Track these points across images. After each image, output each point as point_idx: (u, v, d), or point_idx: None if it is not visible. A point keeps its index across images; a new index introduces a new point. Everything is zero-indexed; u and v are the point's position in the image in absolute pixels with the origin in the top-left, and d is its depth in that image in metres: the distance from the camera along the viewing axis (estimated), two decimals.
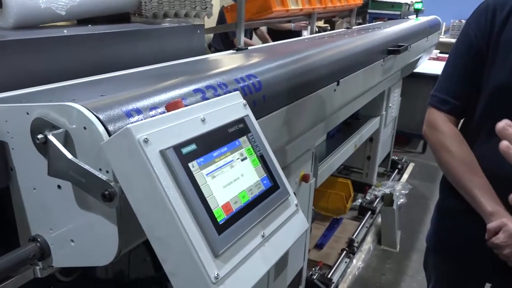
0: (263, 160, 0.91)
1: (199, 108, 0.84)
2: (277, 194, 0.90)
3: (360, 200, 3.56)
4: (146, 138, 0.70)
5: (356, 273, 2.91)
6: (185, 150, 0.75)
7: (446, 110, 1.36)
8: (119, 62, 1.47)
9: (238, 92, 0.97)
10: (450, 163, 1.33)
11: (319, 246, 3.03)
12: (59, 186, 0.91)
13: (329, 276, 2.72)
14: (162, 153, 0.71)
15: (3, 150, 0.98)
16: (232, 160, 0.84)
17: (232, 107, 0.91)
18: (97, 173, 0.77)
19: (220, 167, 0.81)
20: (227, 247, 0.74)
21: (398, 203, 3.35)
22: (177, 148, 0.74)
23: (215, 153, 0.81)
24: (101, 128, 0.80)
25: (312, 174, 2.19)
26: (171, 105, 0.83)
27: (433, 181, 4.10)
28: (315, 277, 2.65)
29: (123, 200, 0.76)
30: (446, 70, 1.41)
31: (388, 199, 3.29)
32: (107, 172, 0.80)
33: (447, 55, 1.44)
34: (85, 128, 0.82)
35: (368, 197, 3.58)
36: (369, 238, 3.22)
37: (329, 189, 3.26)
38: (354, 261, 2.98)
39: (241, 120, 0.90)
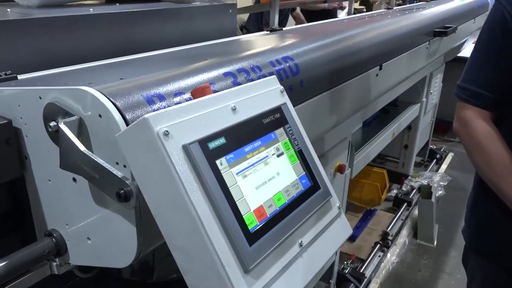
0: (301, 156, 0.79)
1: (230, 95, 0.72)
2: (317, 196, 0.78)
3: (395, 191, 3.40)
4: (167, 131, 0.59)
5: (390, 268, 2.78)
6: (212, 145, 0.63)
7: (479, 104, 1.18)
8: (146, 42, 1.38)
9: (274, 76, 0.84)
10: (487, 165, 1.17)
11: (351, 238, 2.90)
12: (74, 179, 0.82)
13: (361, 271, 2.59)
14: (185, 148, 0.60)
15: (17, 137, 0.90)
16: (267, 156, 0.72)
17: (267, 94, 0.79)
18: (111, 168, 0.67)
19: (253, 164, 0.69)
20: (260, 261, 0.62)
21: (436, 195, 3.17)
22: (203, 142, 0.63)
23: (247, 148, 0.69)
24: (117, 116, 0.70)
25: (347, 165, 2.06)
26: (197, 91, 0.72)
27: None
28: (347, 271, 2.54)
29: (142, 199, 0.66)
30: (476, 58, 1.21)
31: (426, 191, 3.11)
32: (125, 167, 0.70)
33: None
34: (100, 116, 0.72)
35: (404, 188, 3.41)
36: (404, 232, 3.07)
37: (363, 179, 3.11)
38: (388, 255, 2.84)
39: (278, 109, 0.78)
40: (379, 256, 2.78)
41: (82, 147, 0.70)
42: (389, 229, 2.96)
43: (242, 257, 0.60)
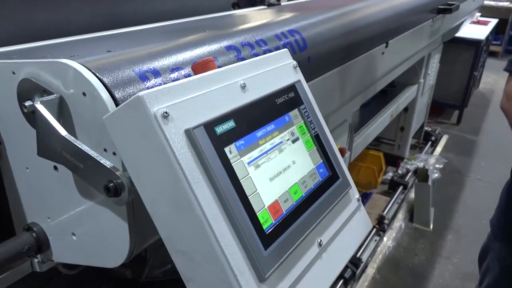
0: (318, 142, 0.68)
1: (238, 70, 0.61)
2: (336, 187, 0.68)
3: (391, 174, 3.33)
4: (166, 112, 0.48)
5: (387, 252, 2.72)
6: (220, 129, 0.53)
7: None
8: (136, 15, 1.25)
9: (286, 50, 0.73)
10: None
11: None
12: (55, 168, 0.71)
13: (358, 255, 2.53)
14: (189, 133, 0.50)
15: None
16: (281, 142, 0.62)
17: (279, 70, 0.68)
18: (98, 157, 0.56)
19: (266, 152, 0.59)
20: (277, 267, 0.53)
21: (433, 178, 3.11)
22: (210, 126, 0.52)
23: (259, 133, 0.59)
24: (105, 94, 0.58)
25: (347, 147, 1.97)
26: (199, 66, 0.61)
27: (469, 155, 3.84)
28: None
29: (136, 192, 0.56)
30: None
31: (422, 174, 3.05)
32: (114, 155, 0.59)
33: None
34: (84, 94, 0.60)
35: (400, 171, 3.34)
36: (400, 215, 3.01)
37: (360, 161, 3.03)
38: (385, 239, 2.78)
39: (292, 88, 0.68)
40: (375, 240, 2.73)
41: (62, 131, 0.59)
42: (385, 212, 2.90)
43: (257, 264, 0.50)
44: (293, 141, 0.64)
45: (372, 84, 1.70)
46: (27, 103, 0.65)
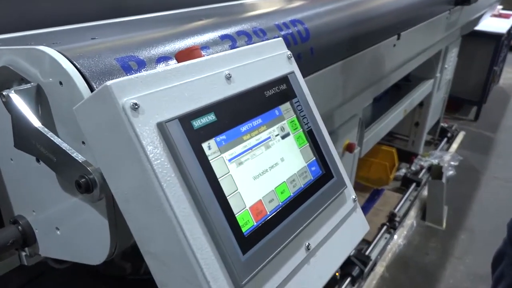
0: (312, 138, 0.64)
1: (223, 60, 0.57)
2: (330, 187, 0.63)
3: (404, 170, 3.25)
4: (136, 103, 0.44)
5: (397, 250, 2.66)
6: (198, 123, 0.49)
7: None
8: (140, 4, 1.21)
9: (280, 39, 0.69)
10: None
11: None
12: (37, 160, 0.68)
13: (366, 253, 2.48)
14: (161, 127, 0.46)
15: None
16: (269, 138, 0.58)
17: (271, 60, 0.64)
18: (71, 150, 0.52)
19: (251, 148, 0.54)
20: (255, 273, 0.49)
21: (447, 175, 3.03)
22: (186, 119, 0.48)
23: (243, 127, 0.54)
24: (81, 84, 0.55)
25: (357, 143, 1.92)
26: (182, 54, 0.57)
27: (486, 153, 3.73)
28: (351, 253, 2.42)
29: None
30: None
31: (436, 171, 2.97)
32: None
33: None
34: (61, 83, 0.57)
35: (413, 168, 3.27)
36: (412, 213, 2.94)
37: (372, 157, 2.96)
38: (395, 237, 2.72)
39: (284, 79, 0.63)
40: (386, 238, 2.67)
41: (36, 123, 0.56)
42: (396, 210, 2.84)
43: (232, 270, 0.46)
44: (283, 137, 0.60)
45: (383, 77, 1.63)
46: (5, 92, 0.62)
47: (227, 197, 0.49)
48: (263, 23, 0.90)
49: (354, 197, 0.68)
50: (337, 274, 2.30)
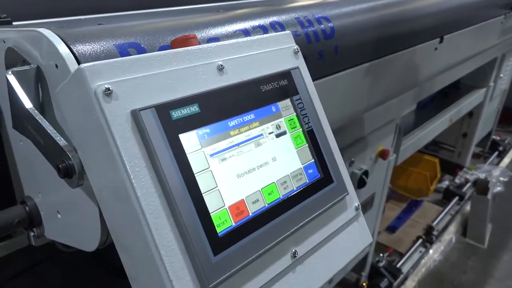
0: (312, 138, 0.60)
1: (219, 50, 0.54)
2: (327, 192, 0.59)
3: (447, 182, 3.10)
4: (109, 88, 0.43)
5: (432, 266, 2.53)
6: (177, 114, 0.46)
7: None
8: None
9: (288, 32, 0.65)
10: None
11: (391, 229, 2.67)
12: None
13: (398, 266, 2.38)
14: (135, 115, 0.44)
15: None
16: (261, 135, 0.54)
17: (274, 54, 0.60)
18: (55, 134, 0.52)
19: (238, 144, 0.51)
20: (227, 276, 0.46)
21: (494, 191, 2.84)
22: (164, 108, 0.46)
23: (232, 122, 0.52)
24: (74, 67, 0.54)
25: (392, 150, 1.83)
26: (177, 42, 0.55)
27: None
28: (381, 264, 2.33)
29: None
30: None
31: (482, 186, 2.81)
32: None
33: None
34: (56, 66, 0.57)
35: (457, 180, 3.10)
36: (452, 228, 2.79)
37: (412, 166, 2.83)
38: (431, 251, 2.59)
39: (286, 75, 0.60)
40: (420, 251, 2.55)
41: (28, 104, 0.56)
42: (435, 223, 2.70)
43: (200, 270, 0.44)
44: (278, 135, 0.56)
45: (422, 82, 1.55)
46: (5, 73, 0.62)
47: (203, 194, 0.46)
48: (283, 18, 0.86)
49: (357, 205, 0.64)
50: (364, 284, 2.22)
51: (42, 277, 1.08)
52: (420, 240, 2.58)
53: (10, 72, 0.58)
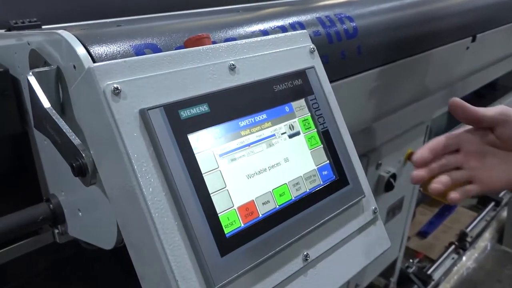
0: (327, 139, 0.59)
1: (231, 49, 0.54)
2: (342, 194, 0.58)
3: None
4: (117, 88, 0.43)
5: (465, 273, 2.45)
6: (186, 113, 0.46)
7: None
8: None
9: (305, 31, 0.64)
10: None
11: (422, 234, 2.60)
12: None
13: (428, 272, 2.32)
14: (143, 114, 0.44)
15: (18, 89, 0.80)
16: (273, 135, 0.54)
17: (289, 53, 0.60)
18: (70, 133, 0.53)
19: (248, 144, 0.51)
20: (234, 277, 0.45)
21: None
22: (172, 108, 0.46)
23: (243, 122, 0.51)
24: None
25: None
26: (190, 41, 0.55)
27: None
28: (411, 270, 2.27)
29: None
30: None
31: None
32: None
33: None
34: (74, 67, 0.58)
35: None
36: (487, 235, 2.69)
37: None
38: (464, 258, 2.51)
39: (300, 74, 0.59)
40: (453, 258, 2.47)
41: (46, 104, 0.57)
42: (468, 229, 2.61)
43: (206, 271, 0.43)
44: (291, 136, 0.55)
45: (454, 83, 1.50)
46: (27, 74, 0.64)
47: (211, 194, 0.46)
48: (304, 18, 0.85)
49: (374, 208, 0.62)
50: None
51: (66, 274, 1.11)
52: (453, 247, 2.50)
53: (30, 73, 0.59)
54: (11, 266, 0.94)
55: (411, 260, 2.32)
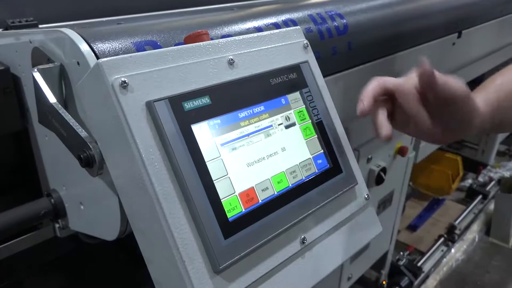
0: (321, 129, 0.62)
1: (229, 45, 0.57)
2: (336, 181, 0.61)
3: (470, 181, 3.05)
4: (125, 81, 0.46)
5: (454, 265, 2.50)
6: (189, 105, 0.49)
7: None
8: None
9: (298, 27, 0.67)
10: None
11: (412, 227, 2.65)
12: None
13: (419, 264, 2.36)
14: (149, 106, 0.47)
15: (19, 86, 0.82)
16: (270, 126, 0.57)
17: (284, 48, 0.63)
18: (76, 126, 0.55)
19: (248, 134, 0.54)
20: (237, 259, 0.48)
21: None
22: (177, 100, 0.48)
23: (242, 113, 0.54)
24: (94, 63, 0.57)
25: (412, 147, 1.82)
26: (190, 38, 0.57)
27: None
28: (402, 262, 2.32)
29: None
30: None
31: (507, 184, 2.76)
32: None
33: None
34: (78, 63, 0.60)
35: (481, 179, 3.05)
36: (475, 227, 2.75)
37: (433, 164, 2.80)
38: (453, 251, 2.56)
39: (295, 68, 0.62)
40: (442, 250, 2.52)
41: (52, 99, 0.60)
42: (457, 222, 2.67)
43: (211, 252, 0.46)
44: (287, 127, 0.58)
45: None
46: (31, 71, 0.66)
47: (214, 181, 0.49)
48: (296, 15, 0.88)
49: (366, 195, 0.65)
50: (384, 282, 2.21)
51: (67, 267, 1.13)
52: (442, 239, 2.55)
53: (35, 70, 0.62)
54: (12, 261, 0.96)
55: (401, 253, 2.36)
